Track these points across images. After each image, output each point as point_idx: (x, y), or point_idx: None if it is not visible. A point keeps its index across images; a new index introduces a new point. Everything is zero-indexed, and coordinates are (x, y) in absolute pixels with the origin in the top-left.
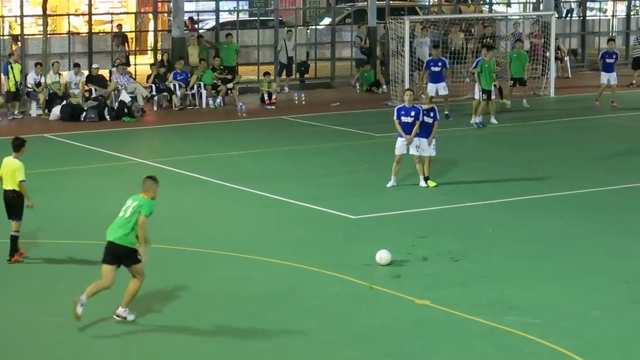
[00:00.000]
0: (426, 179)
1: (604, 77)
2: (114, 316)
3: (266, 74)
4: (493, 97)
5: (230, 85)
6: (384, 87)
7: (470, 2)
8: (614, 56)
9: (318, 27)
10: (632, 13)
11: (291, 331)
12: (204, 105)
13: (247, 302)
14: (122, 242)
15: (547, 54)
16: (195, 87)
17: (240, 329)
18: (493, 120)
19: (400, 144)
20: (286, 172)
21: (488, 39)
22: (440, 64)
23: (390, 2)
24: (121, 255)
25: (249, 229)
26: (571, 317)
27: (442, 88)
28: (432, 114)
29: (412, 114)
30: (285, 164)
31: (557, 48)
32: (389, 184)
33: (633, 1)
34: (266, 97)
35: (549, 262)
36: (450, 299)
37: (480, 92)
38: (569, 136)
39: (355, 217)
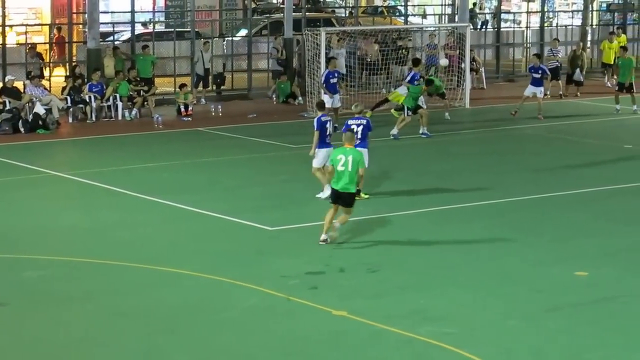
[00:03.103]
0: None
1: (529, 90)
2: (320, 242)
3: (182, 85)
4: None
5: (145, 89)
6: (300, 98)
7: (386, 13)
8: (539, 71)
9: (234, 38)
10: (545, 25)
11: (209, 344)
12: (119, 117)
13: (162, 315)
14: (344, 190)
15: (463, 65)
16: (110, 98)
17: (156, 342)
18: (424, 130)
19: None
20: (202, 184)
21: (403, 50)
22: (336, 75)
23: (307, 13)
24: (342, 197)
25: (164, 241)
26: (487, 326)
27: (337, 100)
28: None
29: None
30: (202, 176)
31: (473, 59)
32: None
33: (546, 13)
34: (182, 109)
35: (466, 272)
36: (367, 310)
37: (406, 109)
38: (485, 147)
39: (272, 228)
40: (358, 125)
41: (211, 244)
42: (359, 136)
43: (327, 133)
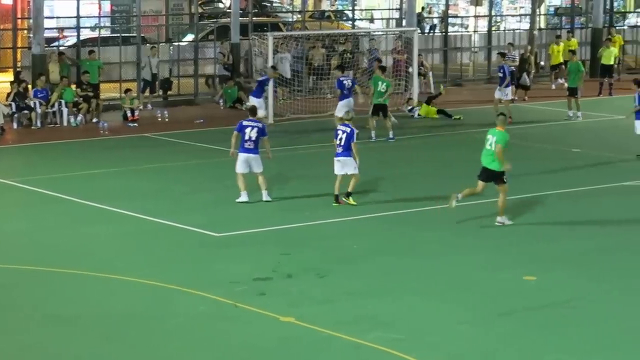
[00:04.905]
0: (348, 195)
1: (497, 93)
2: (497, 223)
3: (127, 90)
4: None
5: (91, 95)
6: (248, 103)
7: (333, 18)
8: (501, 70)
9: (181, 43)
10: (493, 29)
11: (156, 352)
12: (65, 123)
13: (108, 323)
14: (492, 167)
15: (410, 69)
16: (56, 104)
17: (104, 350)
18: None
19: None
20: (149, 190)
21: (348, 54)
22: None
23: (254, 18)
24: (490, 176)
25: (110, 248)
26: (436, 332)
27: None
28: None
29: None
30: (148, 182)
31: (421, 64)
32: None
33: (494, 17)
34: (129, 114)
35: (416, 277)
36: (315, 316)
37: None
38: (434, 152)
39: (219, 234)
40: (343, 132)
41: (158, 250)
42: (342, 143)
43: (246, 138)
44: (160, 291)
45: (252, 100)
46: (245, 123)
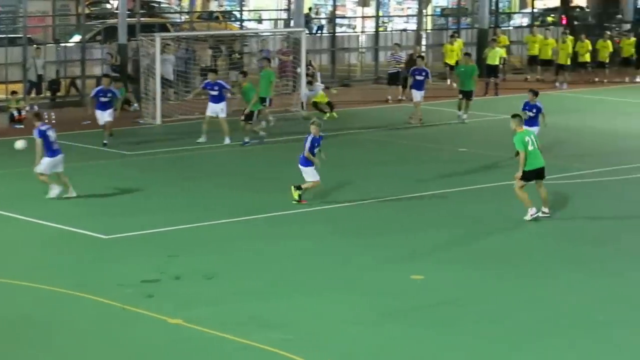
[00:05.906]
0: (298, 187)
1: (417, 95)
2: (543, 215)
3: (13, 92)
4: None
5: None
6: (136, 105)
7: (221, 19)
8: (424, 73)
9: (68, 44)
10: (380, 29)
11: (43, 356)
12: None
13: None
14: (543, 165)
15: (298, 70)
16: None
17: None
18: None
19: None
20: (34, 193)
21: (236, 54)
22: (109, 94)
23: (141, 19)
24: (541, 173)
25: None
26: (324, 332)
27: (107, 115)
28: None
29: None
30: (34, 184)
31: (309, 64)
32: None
33: (381, 18)
34: (16, 114)
35: (304, 278)
36: (204, 318)
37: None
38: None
39: (107, 236)
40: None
41: (45, 253)
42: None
43: (52, 140)
44: (47, 294)
45: (99, 115)
46: (42, 128)
